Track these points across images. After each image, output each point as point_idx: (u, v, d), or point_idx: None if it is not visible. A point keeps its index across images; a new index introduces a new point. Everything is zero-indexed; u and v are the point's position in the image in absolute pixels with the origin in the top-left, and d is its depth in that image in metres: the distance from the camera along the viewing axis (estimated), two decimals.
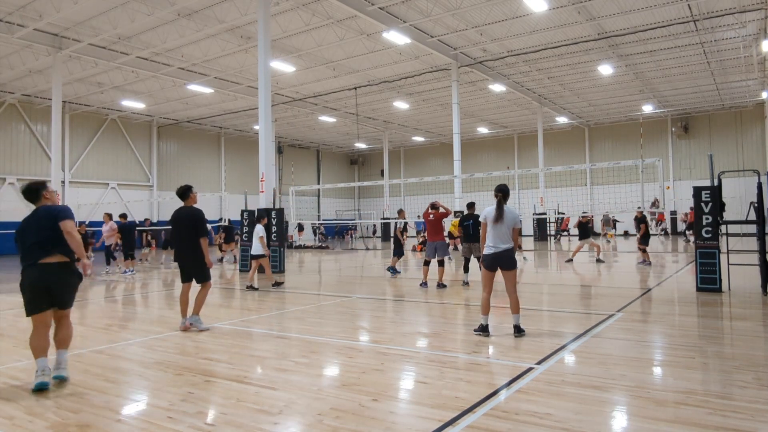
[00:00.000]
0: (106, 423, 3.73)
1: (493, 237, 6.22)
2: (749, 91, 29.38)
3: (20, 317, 8.30)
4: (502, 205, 6.25)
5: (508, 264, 6.18)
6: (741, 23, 19.27)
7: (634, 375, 4.60)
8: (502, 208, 6.22)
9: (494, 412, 3.82)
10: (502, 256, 6.16)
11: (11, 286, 12.57)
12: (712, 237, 9.35)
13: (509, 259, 6.18)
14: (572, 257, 16.59)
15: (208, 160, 37.08)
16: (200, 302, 7.03)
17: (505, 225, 6.18)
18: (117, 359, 5.55)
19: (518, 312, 6.23)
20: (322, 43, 20.38)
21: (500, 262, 6.19)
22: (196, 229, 6.86)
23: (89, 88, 25.67)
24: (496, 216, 6.18)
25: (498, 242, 6.19)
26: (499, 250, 6.17)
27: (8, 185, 27.02)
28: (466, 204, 11.60)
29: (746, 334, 6.16)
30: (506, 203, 6.31)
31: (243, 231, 16.63)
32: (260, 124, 15.63)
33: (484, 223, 6.32)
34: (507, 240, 6.18)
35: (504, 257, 6.16)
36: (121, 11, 17.31)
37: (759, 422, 3.50)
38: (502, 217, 6.17)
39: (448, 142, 38.52)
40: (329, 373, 5.06)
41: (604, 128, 38.14)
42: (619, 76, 25.96)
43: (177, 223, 7.00)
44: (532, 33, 19.91)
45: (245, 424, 3.66)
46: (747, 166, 31.91)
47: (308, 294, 10.57)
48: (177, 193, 7.22)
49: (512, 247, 6.20)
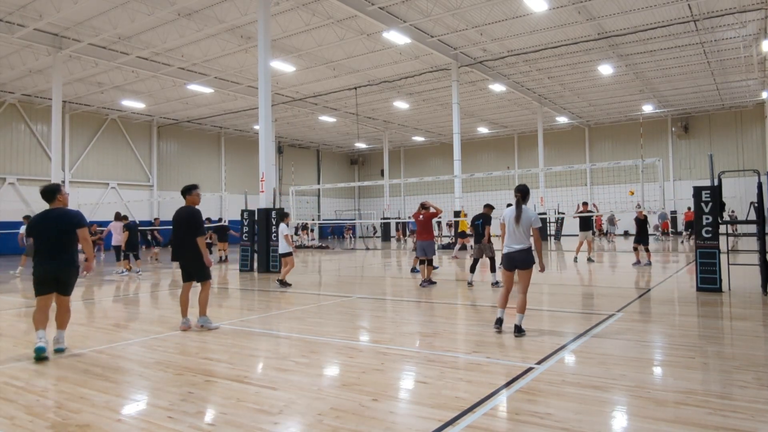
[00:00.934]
0: (107, 423, 3.73)
1: (507, 237, 6.34)
2: (749, 91, 29.38)
3: (20, 317, 8.36)
4: (521, 205, 6.34)
5: (522, 264, 6.25)
6: (741, 23, 19.27)
7: (634, 375, 4.60)
8: (521, 208, 6.31)
9: (494, 412, 3.82)
10: (516, 257, 6.25)
11: (10, 286, 12.57)
12: (712, 237, 9.35)
13: (524, 259, 6.23)
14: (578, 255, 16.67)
15: (208, 160, 37.09)
16: (204, 302, 7.04)
17: (522, 226, 6.26)
18: (117, 359, 5.55)
19: (523, 312, 6.25)
20: (322, 43, 20.39)
21: (515, 261, 6.28)
22: (193, 229, 6.90)
23: (89, 88, 25.68)
24: (515, 216, 6.28)
25: (512, 242, 6.29)
26: (512, 251, 6.27)
27: (8, 185, 27.02)
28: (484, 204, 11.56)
29: (746, 334, 6.16)
30: (525, 203, 6.40)
31: (243, 231, 16.62)
32: (260, 124, 15.64)
33: (503, 223, 6.44)
34: (522, 241, 6.26)
35: (518, 257, 6.24)
36: (121, 11, 17.32)
37: (759, 422, 3.50)
38: (519, 218, 6.26)
39: (448, 142, 38.54)
40: (329, 373, 5.06)
41: (604, 128, 38.14)
42: (619, 76, 25.96)
43: (176, 223, 7.05)
44: (532, 33, 19.92)
45: (245, 424, 3.66)
46: (747, 166, 31.91)
47: (308, 294, 10.57)
48: (182, 191, 7.27)
49: (528, 247, 6.26)
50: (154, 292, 11.63)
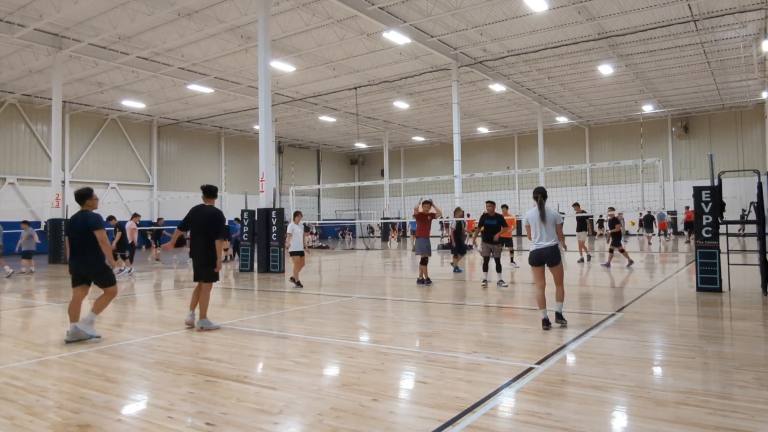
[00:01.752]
0: (107, 423, 3.73)
1: (534, 236, 6.74)
2: (749, 91, 29.37)
3: (20, 317, 8.37)
4: (543, 205, 6.73)
5: (551, 260, 6.64)
6: (741, 23, 19.27)
7: (634, 375, 4.60)
8: (544, 209, 6.70)
9: (494, 412, 3.82)
10: (544, 253, 6.62)
11: (10, 286, 12.58)
12: (712, 237, 9.34)
13: (552, 255, 6.61)
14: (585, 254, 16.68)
15: (208, 160, 37.09)
16: (205, 303, 7.04)
17: (549, 224, 6.65)
18: (117, 359, 5.55)
19: (562, 300, 6.70)
20: (322, 43, 20.39)
21: (543, 258, 6.64)
22: (215, 231, 6.99)
23: (89, 88, 25.68)
24: (540, 216, 6.68)
25: (540, 240, 6.67)
26: (540, 247, 6.65)
27: (8, 185, 27.02)
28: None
29: (746, 334, 6.16)
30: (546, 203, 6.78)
31: (243, 231, 16.61)
32: (260, 124, 15.63)
33: (528, 225, 6.85)
34: (549, 238, 6.63)
35: (546, 253, 6.61)
36: (121, 11, 17.32)
37: (759, 422, 3.50)
38: (544, 217, 6.65)
39: (448, 142, 38.54)
40: (329, 372, 5.06)
41: (604, 128, 38.14)
42: (619, 76, 25.96)
43: (197, 221, 7.04)
44: (532, 33, 19.91)
45: (245, 424, 3.66)
46: (747, 166, 31.90)
47: (308, 294, 10.57)
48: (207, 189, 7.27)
49: (555, 244, 6.64)
50: (156, 292, 11.63)
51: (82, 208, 6.45)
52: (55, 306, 9.54)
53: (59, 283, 13.39)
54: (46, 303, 10.01)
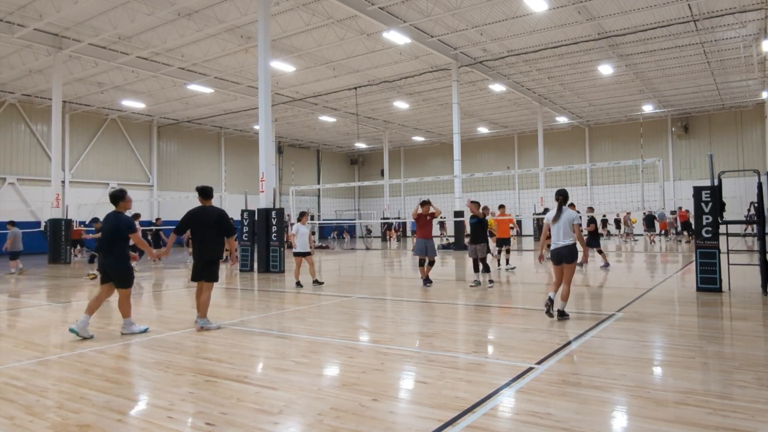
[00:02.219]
0: (107, 423, 3.73)
1: (554, 236, 7.20)
2: (749, 91, 29.38)
3: (20, 317, 8.37)
4: (562, 207, 7.21)
5: (567, 258, 7.09)
6: (741, 23, 19.27)
7: (634, 375, 4.59)
8: (561, 210, 7.19)
9: (494, 412, 3.82)
10: (562, 252, 7.08)
11: (9, 286, 12.57)
12: (712, 237, 9.34)
13: (569, 254, 7.08)
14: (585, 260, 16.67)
15: (208, 160, 37.09)
16: (205, 303, 7.03)
17: (563, 224, 7.11)
18: (117, 359, 5.55)
19: (566, 300, 7.09)
20: (322, 43, 20.39)
21: (561, 256, 7.09)
22: (224, 230, 7.04)
23: (89, 88, 25.68)
24: (555, 217, 7.19)
25: (557, 239, 7.14)
26: (558, 246, 7.12)
27: (8, 185, 27.02)
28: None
29: (746, 334, 6.16)
30: (566, 205, 7.29)
31: (243, 231, 16.61)
32: (260, 124, 15.63)
33: (547, 224, 7.33)
34: (565, 237, 7.08)
35: (564, 252, 7.07)
36: (121, 11, 17.32)
37: (759, 422, 3.50)
38: (560, 218, 7.15)
39: (448, 142, 38.54)
40: (329, 372, 5.06)
41: (604, 128, 38.14)
42: (619, 76, 25.96)
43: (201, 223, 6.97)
44: (532, 33, 19.92)
45: (245, 424, 3.66)
46: (747, 166, 31.91)
47: (308, 294, 10.57)
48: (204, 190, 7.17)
49: (573, 243, 7.09)
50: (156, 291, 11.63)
51: (116, 209, 6.69)
52: (55, 306, 9.54)
53: (59, 283, 13.39)
54: (46, 303, 10.01)
